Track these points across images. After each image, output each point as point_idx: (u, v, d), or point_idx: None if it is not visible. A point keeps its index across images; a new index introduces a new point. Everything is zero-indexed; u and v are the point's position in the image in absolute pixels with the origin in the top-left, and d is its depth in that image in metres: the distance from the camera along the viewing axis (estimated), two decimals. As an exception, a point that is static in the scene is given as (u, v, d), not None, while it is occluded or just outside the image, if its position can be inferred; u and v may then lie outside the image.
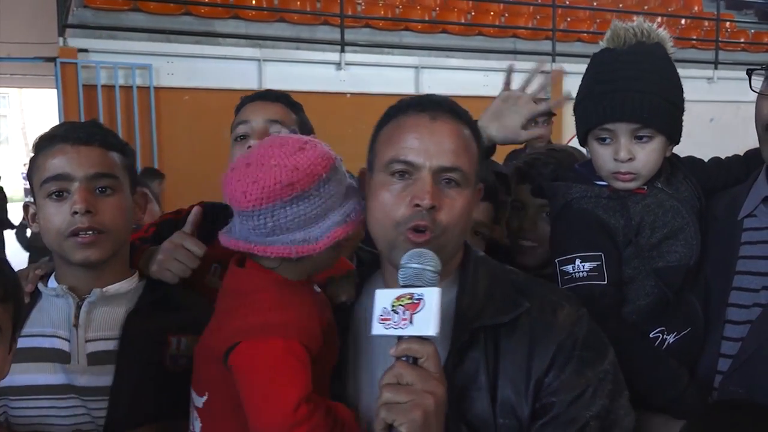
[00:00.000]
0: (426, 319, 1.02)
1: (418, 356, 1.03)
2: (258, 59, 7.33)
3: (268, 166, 1.17)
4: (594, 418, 1.14)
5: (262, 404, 1.14)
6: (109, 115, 6.74)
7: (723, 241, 1.49)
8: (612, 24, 1.54)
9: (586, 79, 1.55)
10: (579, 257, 1.44)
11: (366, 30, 8.60)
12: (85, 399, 1.32)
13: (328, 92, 7.30)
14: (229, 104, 4.61)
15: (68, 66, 6.59)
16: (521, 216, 1.78)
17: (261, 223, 1.19)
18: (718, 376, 1.42)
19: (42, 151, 1.37)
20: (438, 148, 1.19)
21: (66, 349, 1.34)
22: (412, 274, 1.08)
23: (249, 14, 8.04)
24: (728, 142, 8.77)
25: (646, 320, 1.47)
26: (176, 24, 7.54)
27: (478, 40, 9.04)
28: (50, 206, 1.34)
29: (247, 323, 1.18)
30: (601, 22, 10.14)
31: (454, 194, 1.20)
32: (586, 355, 1.18)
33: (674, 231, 1.47)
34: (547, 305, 1.22)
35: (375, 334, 1.07)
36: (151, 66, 6.88)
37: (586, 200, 1.50)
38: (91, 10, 7.32)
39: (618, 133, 1.46)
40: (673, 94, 1.48)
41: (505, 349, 1.18)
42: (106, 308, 1.38)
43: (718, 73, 9.47)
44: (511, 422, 1.16)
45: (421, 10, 9.17)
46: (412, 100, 1.27)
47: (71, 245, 1.33)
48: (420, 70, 8.08)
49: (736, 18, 11.75)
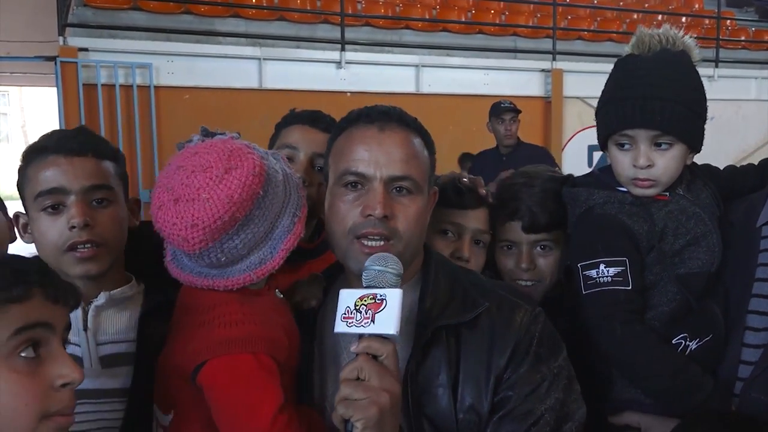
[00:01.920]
0: (387, 319, 1.06)
1: (378, 354, 1.07)
2: (258, 58, 7.33)
3: (200, 202, 1.11)
4: (548, 411, 1.19)
5: (237, 420, 1.13)
6: (110, 114, 6.75)
7: (742, 248, 1.49)
8: (637, 29, 1.53)
9: (609, 83, 1.54)
10: (603, 262, 1.44)
11: (366, 28, 8.59)
12: (98, 402, 1.32)
13: (329, 91, 7.28)
14: (229, 103, 4.61)
15: (68, 65, 6.59)
16: (514, 255, 1.65)
17: (213, 260, 1.17)
18: (739, 382, 1.42)
19: (33, 162, 1.33)
20: (387, 158, 1.22)
21: (78, 354, 1.33)
22: (374, 275, 1.12)
23: (249, 13, 8.04)
24: (728, 140, 8.76)
25: (668, 326, 1.46)
26: (176, 23, 7.54)
27: (478, 38, 9.03)
28: (45, 220, 1.31)
29: (212, 340, 1.16)
30: (601, 21, 10.13)
31: (407, 201, 1.24)
32: (542, 352, 1.23)
33: (697, 238, 1.46)
34: (506, 304, 1.27)
35: (338, 331, 1.10)
36: (151, 65, 6.88)
37: (609, 206, 1.50)
38: (92, 9, 7.31)
39: (638, 140, 1.45)
40: (696, 102, 1.47)
41: (466, 346, 1.23)
42: (112, 312, 1.37)
43: (719, 72, 9.46)
44: (472, 417, 1.20)
45: (422, 9, 9.17)
46: (361, 111, 1.30)
47: (70, 260, 1.30)
48: (420, 69, 8.08)
49: (737, 16, 11.73)
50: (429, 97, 7.97)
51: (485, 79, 8.34)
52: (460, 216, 1.60)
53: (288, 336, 1.23)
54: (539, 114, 8.66)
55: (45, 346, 0.95)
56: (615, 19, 10.36)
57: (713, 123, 1.47)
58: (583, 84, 8.25)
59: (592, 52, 8.95)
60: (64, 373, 0.95)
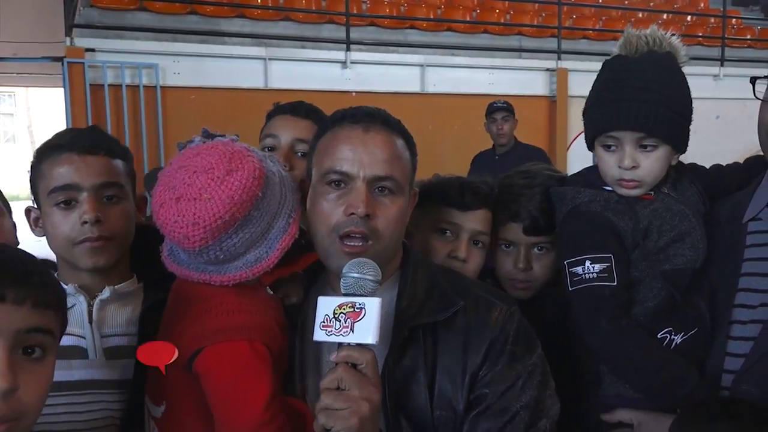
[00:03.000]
0: (366, 328, 1.08)
1: (358, 363, 1.09)
2: (264, 58, 7.35)
3: (202, 201, 1.16)
4: (524, 408, 1.22)
5: (232, 405, 1.17)
6: (116, 114, 6.79)
7: (727, 244, 1.51)
8: (625, 31, 1.56)
9: (596, 85, 1.57)
10: (589, 258, 1.46)
11: (371, 28, 8.60)
12: (103, 392, 1.37)
13: (334, 91, 7.30)
14: (235, 103, 4.62)
15: (75, 66, 6.63)
16: (512, 255, 1.67)
17: (212, 257, 1.21)
18: (726, 375, 1.44)
19: (47, 159, 1.39)
20: (371, 158, 1.24)
21: (83, 346, 1.38)
22: (352, 283, 1.13)
23: (254, 13, 8.06)
24: (734, 139, 8.76)
25: (653, 321, 1.48)
26: (182, 23, 7.57)
27: (483, 38, 9.03)
28: (58, 215, 1.37)
29: (209, 328, 1.20)
30: (606, 20, 10.11)
31: (388, 202, 1.26)
32: (517, 350, 1.26)
33: (681, 234, 1.48)
34: (482, 303, 1.29)
35: (317, 340, 1.12)
36: (157, 65, 6.91)
37: (595, 204, 1.52)
38: (98, 9, 7.35)
39: (623, 141, 1.48)
40: (680, 104, 1.49)
41: (442, 345, 1.26)
42: (115, 306, 1.43)
43: (724, 70, 9.43)
44: (448, 414, 1.23)
45: (426, 8, 9.17)
46: (345, 112, 1.32)
47: (81, 251, 1.36)
48: (425, 68, 8.08)
49: (743, 14, 11.70)
50: (434, 96, 7.98)
51: (490, 79, 8.34)
52: (460, 216, 1.61)
53: (280, 328, 1.27)
54: (544, 113, 8.65)
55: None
56: (620, 18, 10.33)
57: (719, 122, 1.47)
58: (588, 83, 7.92)
59: (597, 52, 8.89)
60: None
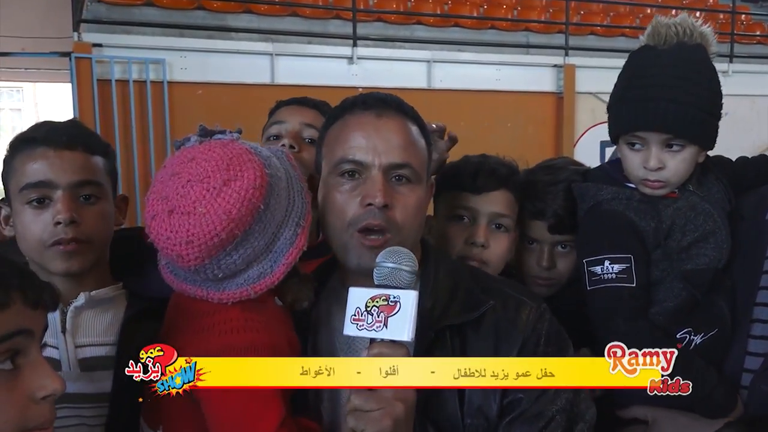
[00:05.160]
0: (401, 324, 0.99)
1: None
2: (270, 53, 7.34)
3: (196, 216, 1.04)
4: (560, 412, 1.15)
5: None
6: (123, 109, 6.78)
7: (750, 241, 1.48)
8: (654, 19, 1.49)
9: (621, 78, 1.51)
10: (608, 258, 1.43)
11: (378, 24, 8.57)
12: (78, 407, 1.25)
13: (340, 86, 7.27)
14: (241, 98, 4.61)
15: (83, 61, 6.62)
16: (535, 252, 1.65)
17: (210, 275, 1.10)
18: (746, 374, 1.42)
19: (20, 153, 1.28)
20: (386, 145, 1.17)
21: (56, 357, 1.26)
22: (388, 273, 1.04)
23: (261, 9, 8.04)
24: (743, 135, 8.69)
25: (673, 321, 1.46)
26: (189, 19, 7.56)
27: (490, 33, 8.98)
28: (29, 214, 1.25)
29: (213, 348, 1.07)
30: (614, 16, 10.05)
31: (407, 191, 1.18)
32: (550, 351, 1.19)
33: (705, 234, 1.46)
34: (511, 302, 1.22)
35: (347, 334, 1.03)
36: (164, 60, 6.90)
37: (616, 202, 1.49)
38: (105, 5, 7.35)
39: (649, 141, 1.44)
40: (710, 102, 1.45)
41: (471, 347, 1.17)
42: (91, 313, 1.31)
43: (734, 67, 9.33)
44: (480, 422, 1.15)
45: (433, 4, 9.13)
46: (356, 98, 1.24)
47: (52, 255, 1.25)
48: (432, 64, 8.05)
49: (752, 10, 11.59)
50: (441, 92, 7.94)
51: (497, 75, 8.30)
52: (475, 200, 1.52)
53: (290, 345, 1.17)
54: (551, 110, 8.61)
55: (24, 356, 0.86)
56: (628, 14, 10.27)
57: (728, 118, 1.45)
58: (596, 79, 8.17)
59: (605, 48, 8.87)
60: (44, 384, 0.87)
